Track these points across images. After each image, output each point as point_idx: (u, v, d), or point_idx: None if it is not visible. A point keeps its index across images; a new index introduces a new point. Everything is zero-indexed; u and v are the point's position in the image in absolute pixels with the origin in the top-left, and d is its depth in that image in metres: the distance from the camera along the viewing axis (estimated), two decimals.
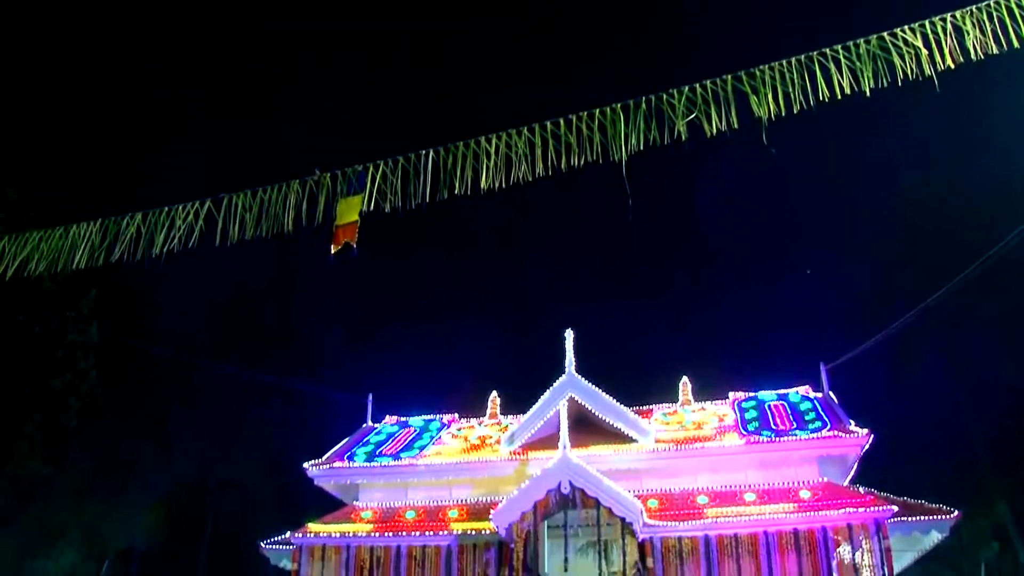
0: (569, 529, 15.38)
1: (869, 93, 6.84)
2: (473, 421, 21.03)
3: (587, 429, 17.75)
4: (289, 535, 17.24)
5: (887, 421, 26.96)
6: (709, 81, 7.26)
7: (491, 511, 15.40)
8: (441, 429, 20.57)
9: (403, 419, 21.70)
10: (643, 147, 7.33)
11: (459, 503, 17.40)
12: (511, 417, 20.26)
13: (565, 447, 15.28)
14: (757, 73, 7.15)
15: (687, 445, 17.33)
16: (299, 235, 8.66)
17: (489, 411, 21.27)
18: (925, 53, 6.99)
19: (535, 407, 18.24)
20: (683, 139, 7.26)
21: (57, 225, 9.30)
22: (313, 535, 16.65)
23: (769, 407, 19.08)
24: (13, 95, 31.18)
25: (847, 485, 17.18)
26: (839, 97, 6.84)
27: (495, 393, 21.63)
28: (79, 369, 28.80)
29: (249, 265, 48.62)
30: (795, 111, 6.95)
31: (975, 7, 6.98)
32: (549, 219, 69.91)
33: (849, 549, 14.69)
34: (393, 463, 18.42)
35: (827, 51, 7.06)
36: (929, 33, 6.99)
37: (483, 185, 7.69)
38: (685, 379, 20.77)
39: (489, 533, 15.56)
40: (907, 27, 7.06)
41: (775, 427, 17.71)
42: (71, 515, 30.44)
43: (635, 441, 17.53)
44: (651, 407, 20.01)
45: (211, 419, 40.31)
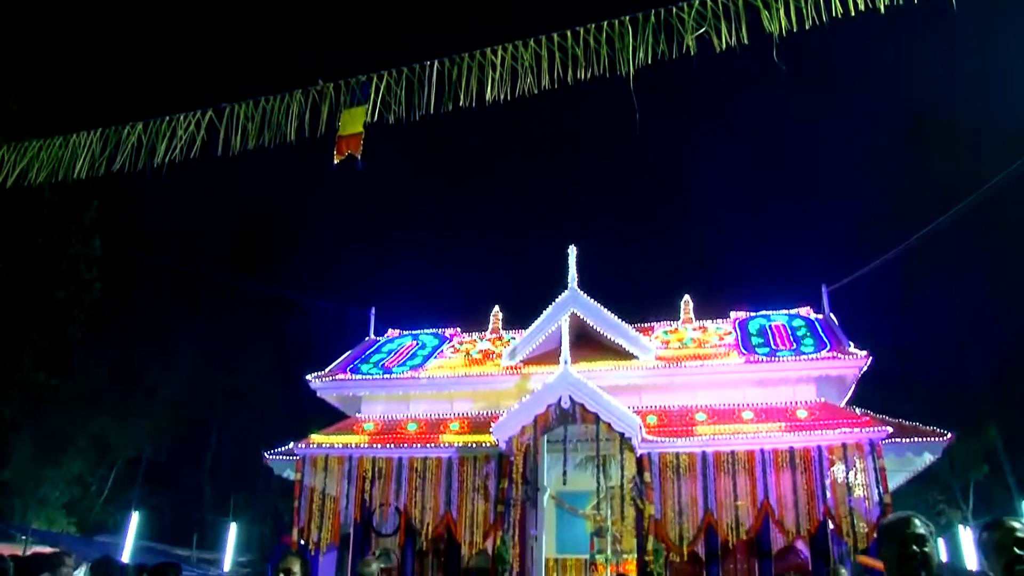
0: (568, 443, 15.59)
1: (884, 10, 6.66)
2: (475, 335, 21.15)
3: (588, 345, 17.87)
4: (292, 446, 17.47)
5: (887, 345, 27.20)
6: None
7: (492, 424, 15.59)
8: (443, 343, 20.70)
9: (405, 333, 21.83)
10: (651, 61, 7.18)
11: (460, 416, 17.63)
12: (513, 332, 20.38)
13: (566, 362, 15.40)
14: None
15: (687, 363, 17.47)
16: (302, 146, 8.57)
17: (491, 326, 21.38)
18: None
19: (537, 322, 18.33)
20: (692, 54, 7.11)
21: (57, 134, 9.20)
22: (316, 446, 16.89)
23: (770, 327, 19.17)
24: (13, 3, 30.59)
25: (844, 406, 17.36)
26: (852, 14, 6.66)
27: (497, 308, 21.70)
28: (83, 281, 28.96)
29: (252, 177, 48.45)
30: (807, 27, 6.78)
31: None
32: (554, 134, 69.31)
33: (843, 468, 14.88)
34: (395, 376, 18.60)
35: None
36: None
37: (488, 98, 7.56)
38: (687, 297, 20.81)
39: (489, 446, 15.78)
40: None
41: (775, 347, 17.82)
42: (79, 424, 30.96)
43: (636, 358, 17.67)
44: (652, 324, 20.09)
45: (215, 331, 40.65)
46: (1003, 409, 32.69)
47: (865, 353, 16.53)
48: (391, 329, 22.05)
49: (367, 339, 21.47)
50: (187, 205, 44.51)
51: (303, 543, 16.14)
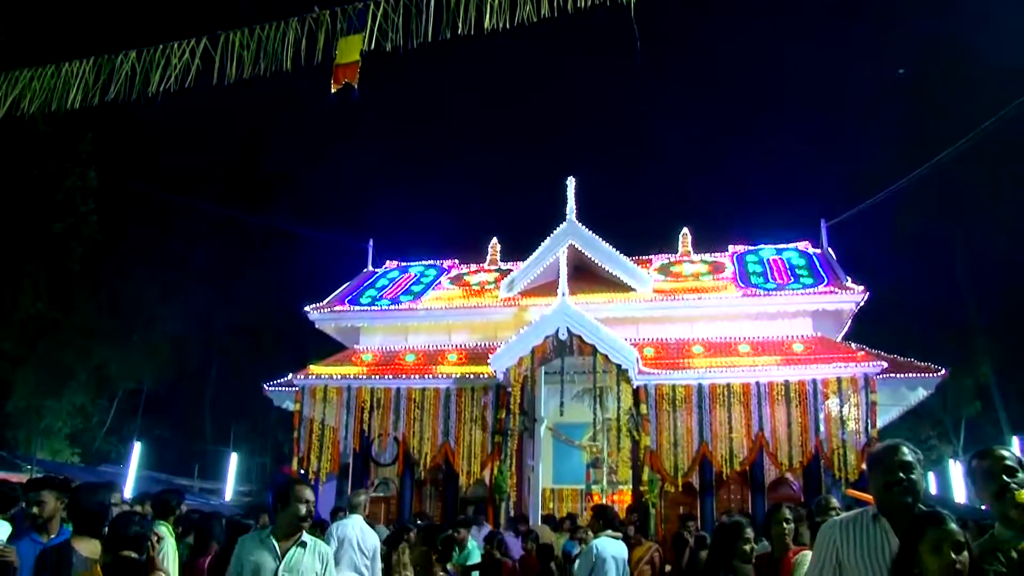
0: (565, 375, 15.71)
1: None
2: (473, 267, 21.13)
3: (586, 277, 17.89)
4: (291, 377, 17.58)
5: (884, 280, 27.25)
6: None
7: (489, 356, 15.67)
8: (441, 274, 20.70)
9: (403, 264, 21.82)
10: None
11: (458, 347, 17.70)
12: (511, 264, 20.36)
13: (564, 294, 15.42)
14: None
15: (684, 295, 17.49)
16: (298, 75, 8.45)
17: (489, 257, 21.36)
18: None
19: (535, 254, 18.30)
20: None
21: (49, 63, 9.07)
22: (315, 377, 16.99)
23: (767, 261, 19.16)
24: None
25: (840, 341, 17.44)
26: None
27: (495, 239, 21.66)
28: (80, 213, 28.89)
29: (248, 107, 47.95)
30: None
31: None
32: (554, 65, 68.51)
33: (837, 402, 15.02)
34: (393, 307, 18.64)
35: None
36: None
37: (487, 25, 7.43)
38: (685, 230, 20.76)
39: (487, 377, 15.88)
40: None
41: (772, 281, 17.84)
42: (79, 356, 31.09)
43: (633, 290, 17.68)
44: (650, 257, 20.07)
45: (214, 263, 40.62)
46: (997, 346, 32.89)
47: (862, 288, 16.55)
48: (389, 261, 22.04)
49: (365, 271, 21.47)
50: (184, 136, 44.16)
51: (303, 473, 16.34)
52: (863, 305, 16.82)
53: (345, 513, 9.29)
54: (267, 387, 19.64)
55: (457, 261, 21.57)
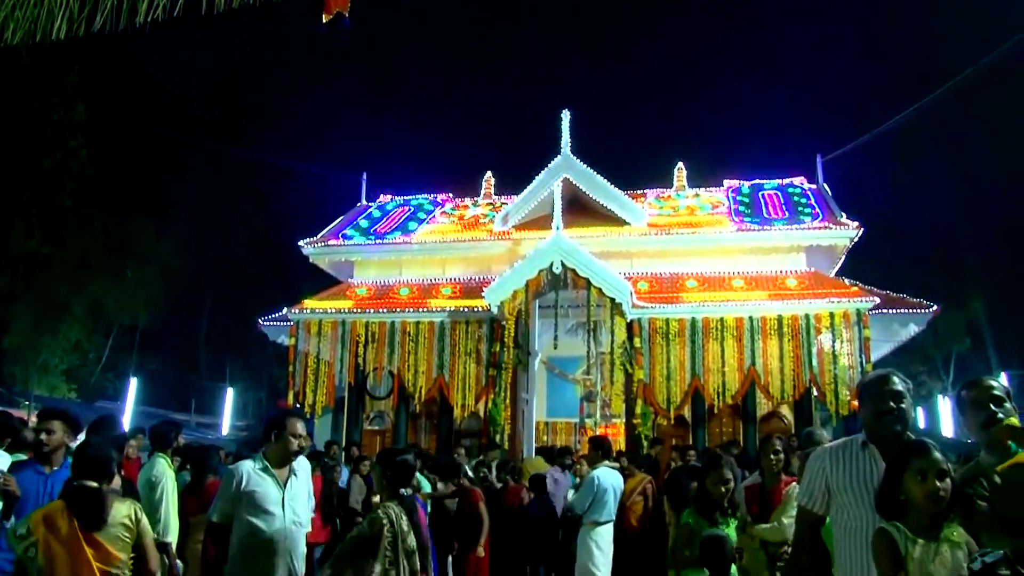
0: (559, 309, 15.74)
1: None
2: (467, 201, 21.03)
3: (580, 211, 17.83)
4: (286, 311, 17.58)
5: (879, 216, 27.24)
6: None
7: (484, 289, 15.67)
8: (435, 208, 20.61)
9: (397, 198, 21.70)
10: None
11: (452, 281, 17.69)
12: (505, 197, 20.27)
13: (558, 227, 15.37)
14: None
15: (679, 230, 17.45)
16: (290, 4, 8.29)
17: (483, 191, 21.25)
18: None
19: (529, 187, 18.20)
20: None
21: None
22: (309, 311, 16.99)
23: (763, 196, 19.11)
24: None
25: (834, 277, 17.47)
26: None
27: (489, 173, 21.53)
28: (69, 148, 28.63)
29: (239, 40, 47.20)
30: None
31: None
32: None
33: (830, 337, 15.09)
34: (387, 241, 18.58)
35: None
36: None
37: None
38: (680, 164, 20.64)
39: (481, 310, 15.88)
40: None
41: (767, 215, 17.80)
42: (74, 292, 31.03)
43: (628, 224, 17.64)
44: (645, 191, 19.99)
45: (207, 197, 40.39)
46: (989, 283, 33.07)
47: (856, 224, 16.53)
48: (383, 194, 21.92)
49: (359, 205, 21.37)
50: (174, 69, 43.55)
51: (299, 406, 16.43)
52: (857, 241, 16.81)
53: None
54: (262, 322, 19.68)
55: (451, 195, 21.46)
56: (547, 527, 9.89)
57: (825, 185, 19.15)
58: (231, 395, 35.34)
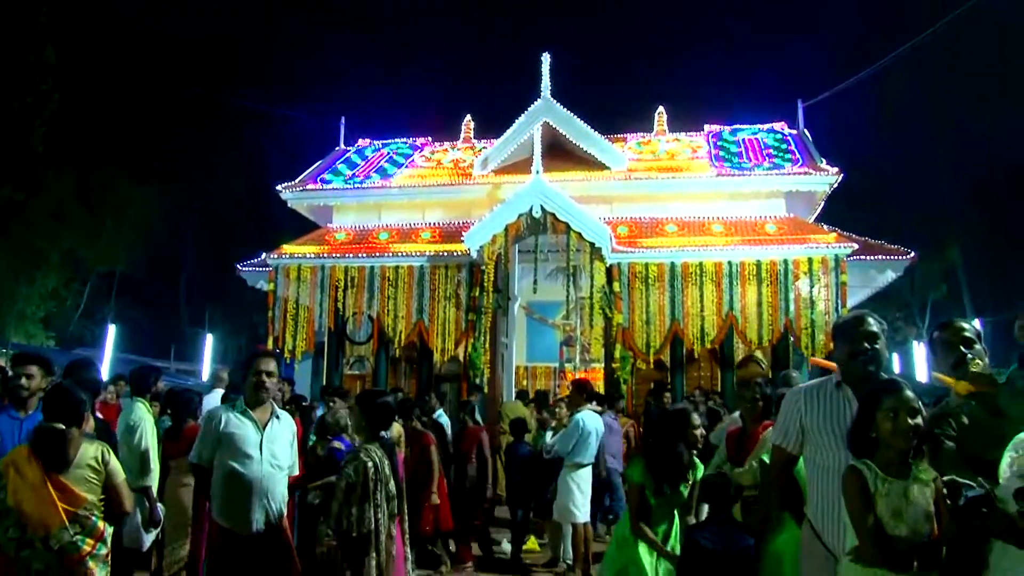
0: (539, 253, 15.73)
1: None
2: (446, 145, 20.85)
3: (560, 155, 17.72)
4: (265, 256, 17.49)
5: (859, 163, 27.27)
6: None
7: (463, 234, 15.62)
8: (414, 152, 20.43)
9: (376, 142, 21.50)
10: None
11: (432, 225, 17.61)
12: (485, 141, 20.11)
13: (538, 171, 15.28)
14: None
15: (658, 174, 17.41)
16: None
17: (462, 135, 21.06)
18: None
19: (509, 131, 18.04)
20: None
21: None
22: (288, 256, 16.89)
23: (743, 141, 19.05)
24: None
25: (813, 222, 17.52)
26: None
27: (468, 117, 21.31)
28: (41, 91, 28.14)
29: None
30: None
31: None
32: None
33: (807, 282, 15.18)
34: (366, 185, 18.42)
35: None
36: None
37: None
38: (661, 109, 20.51)
39: (461, 255, 15.84)
40: None
41: (747, 161, 17.77)
42: (50, 239, 30.75)
43: (607, 168, 17.57)
44: (625, 135, 19.88)
45: (183, 144, 39.91)
46: (966, 230, 33.29)
47: (836, 169, 16.53)
48: (361, 139, 21.70)
49: (337, 149, 21.16)
50: (146, 15, 42.70)
51: (279, 351, 16.41)
52: (837, 187, 16.83)
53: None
54: (240, 267, 19.59)
55: (430, 138, 21.27)
56: (527, 470, 10.02)
57: (806, 131, 19.11)
58: (211, 341, 35.25)
